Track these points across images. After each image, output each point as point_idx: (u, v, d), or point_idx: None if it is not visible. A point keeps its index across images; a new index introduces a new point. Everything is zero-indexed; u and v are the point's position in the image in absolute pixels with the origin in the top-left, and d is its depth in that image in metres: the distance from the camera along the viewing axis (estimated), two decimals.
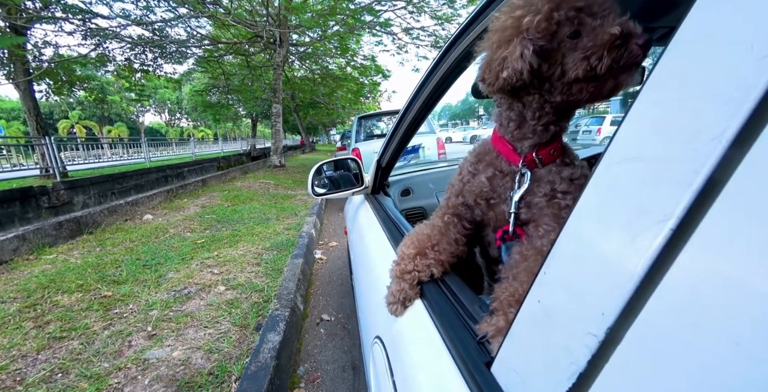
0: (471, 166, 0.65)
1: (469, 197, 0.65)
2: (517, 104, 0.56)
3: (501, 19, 0.50)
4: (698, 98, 0.20)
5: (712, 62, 0.20)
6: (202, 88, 14.62)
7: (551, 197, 0.55)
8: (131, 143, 10.56)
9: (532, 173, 0.57)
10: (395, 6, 9.38)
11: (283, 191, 6.46)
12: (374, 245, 1.00)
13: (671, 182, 0.20)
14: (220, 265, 2.79)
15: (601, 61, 0.44)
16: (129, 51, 8.12)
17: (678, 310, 0.19)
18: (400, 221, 1.01)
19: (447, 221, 0.67)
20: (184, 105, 35.58)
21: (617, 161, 0.25)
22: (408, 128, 1.10)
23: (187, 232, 3.75)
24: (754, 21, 0.18)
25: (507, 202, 0.59)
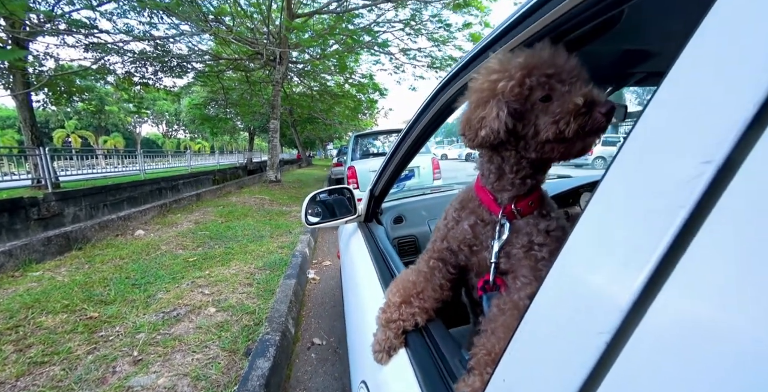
0: (455, 212, 0.68)
1: (453, 243, 0.67)
2: (497, 157, 0.59)
3: (479, 80, 0.54)
4: (676, 146, 0.23)
5: (690, 122, 0.23)
6: (201, 101, 14.76)
7: (528, 248, 0.58)
8: (127, 154, 10.57)
9: (511, 224, 0.60)
10: (393, 27, 9.73)
11: (278, 207, 6.44)
12: (364, 282, 1.02)
13: (655, 220, 0.23)
14: (211, 285, 2.75)
15: (569, 126, 0.48)
16: (130, 64, 8.24)
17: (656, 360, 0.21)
18: (390, 255, 1.03)
19: (432, 266, 0.69)
20: (182, 117, 35.78)
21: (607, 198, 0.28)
22: (401, 160, 1.14)
23: (179, 249, 3.70)
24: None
25: (489, 249, 0.62)
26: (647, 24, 0.67)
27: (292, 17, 8.39)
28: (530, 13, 0.52)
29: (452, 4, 8.22)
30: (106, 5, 6.92)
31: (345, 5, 8.99)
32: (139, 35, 7.54)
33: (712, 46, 0.23)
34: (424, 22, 9.36)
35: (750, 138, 0.19)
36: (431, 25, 9.41)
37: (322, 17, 9.94)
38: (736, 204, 0.19)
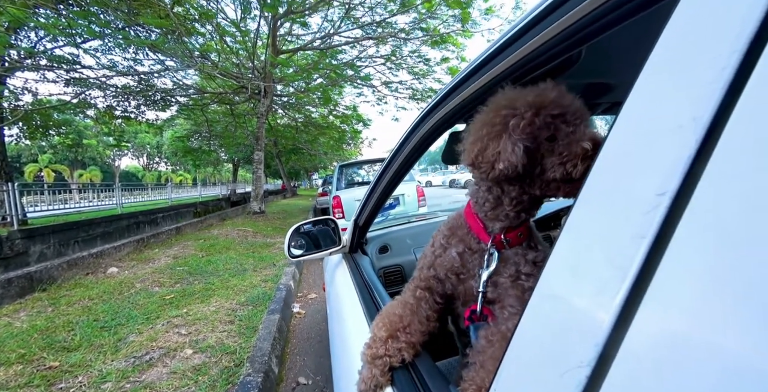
0: (444, 239, 0.68)
1: (440, 271, 0.67)
2: (497, 188, 0.60)
3: (489, 114, 0.56)
4: (636, 171, 0.25)
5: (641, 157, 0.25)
6: (185, 133, 14.73)
7: (516, 278, 0.58)
8: (104, 187, 10.21)
9: (499, 253, 0.60)
10: (375, 62, 10.26)
11: (262, 239, 6.27)
12: (350, 316, 0.99)
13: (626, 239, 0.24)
14: (188, 324, 2.58)
15: (576, 168, 0.50)
16: (112, 98, 8.24)
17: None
18: (375, 287, 1.01)
19: (419, 297, 0.68)
20: (164, 149, 35.42)
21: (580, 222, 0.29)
22: (384, 190, 1.15)
23: (156, 286, 3.49)
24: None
25: (476, 278, 0.62)
26: (604, 61, 0.73)
27: (276, 53, 8.75)
28: (499, 52, 0.56)
29: (430, 40, 8.81)
30: (90, 42, 7.04)
31: (328, 42, 9.49)
32: (123, 71, 7.63)
33: (655, 85, 0.26)
34: (405, 57, 9.95)
35: (696, 171, 0.21)
36: (411, 59, 10.00)
37: (307, 53, 10.42)
38: (694, 232, 0.21)
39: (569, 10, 0.41)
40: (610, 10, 0.37)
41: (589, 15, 0.40)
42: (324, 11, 8.71)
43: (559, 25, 0.44)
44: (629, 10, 0.36)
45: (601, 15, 0.39)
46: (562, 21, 0.43)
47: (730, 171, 0.20)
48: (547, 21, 0.45)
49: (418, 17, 8.53)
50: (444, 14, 8.44)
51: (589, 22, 0.41)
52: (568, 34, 0.44)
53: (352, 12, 8.59)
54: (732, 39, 0.21)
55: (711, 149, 0.21)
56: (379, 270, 1.41)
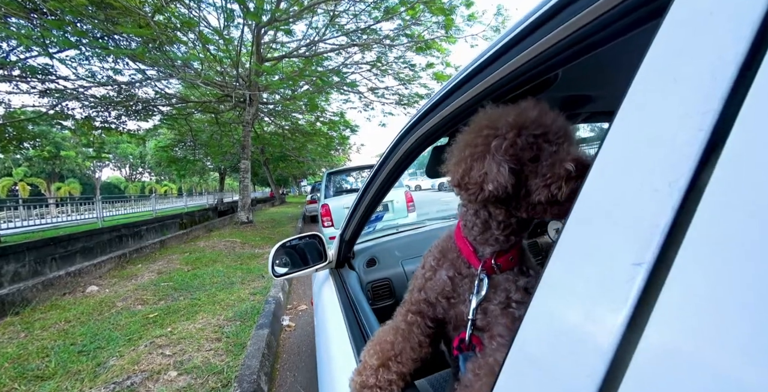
0: (434, 261, 0.66)
1: (430, 294, 0.65)
2: (484, 212, 0.58)
3: (470, 134, 0.54)
4: (637, 187, 0.25)
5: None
6: (168, 143, 14.44)
7: (506, 305, 0.56)
8: (83, 201, 9.87)
9: (489, 279, 0.58)
10: (361, 69, 10.29)
11: (250, 250, 6.14)
12: (335, 337, 0.96)
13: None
14: (173, 344, 2.47)
15: (561, 190, 0.47)
16: (91, 109, 8.01)
17: None
18: (360, 306, 0.99)
19: (410, 322, 0.66)
20: (147, 160, 34.58)
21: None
22: (371, 203, 1.12)
23: (138, 305, 3.35)
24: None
25: (466, 303, 0.60)
26: (580, 75, 0.73)
27: (261, 61, 8.68)
28: (480, 70, 0.54)
29: (415, 46, 8.90)
30: (67, 52, 6.84)
31: (313, 49, 9.48)
32: (102, 81, 7.44)
33: (648, 92, 0.26)
34: (390, 64, 10.00)
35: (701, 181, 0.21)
36: (397, 65, 10.06)
37: (292, 60, 10.39)
38: (694, 256, 0.21)
39: (553, 29, 0.40)
40: (595, 30, 0.36)
41: (572, 35, 0.39)
42: (308, 19, 8.71)
43: (543, 44, 0.43)
44: (616, 30, 0.35)
45: (585, 35, 0.38)
46: (546, 40, 0.42)
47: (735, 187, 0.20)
48: (531, 39, 0.44)
49: (403, 24, 8.62)
50: (428, 21, 8.55)
51: (573, 42, 0.40)
52: (551, 54, 0.43)
53: (337, 19, 8.62)
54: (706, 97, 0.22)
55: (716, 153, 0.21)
56: (367, 285, 1.38)
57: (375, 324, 0.94)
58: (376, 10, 8.40)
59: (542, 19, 0.40)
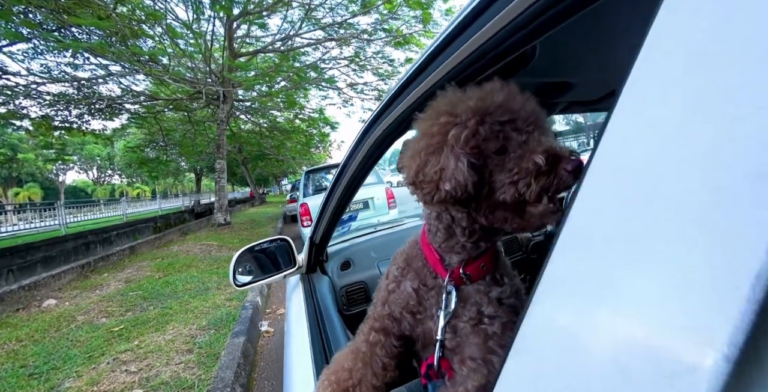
0: (398, 270, 0.57)
1: (394, 308, 0.56)
2: (446, 215, 0.50)
3: (426, 122, 0.45)
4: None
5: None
6: (138, 143, 13.76)
7: (477, 321, 0.48)
8: (45, 207, 9.26)
9: (458, 291, 0.50)
10: (339, 64, 10.10)
11: (227, 253, 5.90)
12: (297, 352, 0.86)
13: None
14: (139, 359, 2.30)
15: (530, 188, 0.40)
16: (48, 108, 7.45)
17: None
18: (328, 315, 0.90)
19: (373, 342, 0.57)
20: (116, 161, 32.88)
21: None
22: (340, 202, 1.03)
23: (102, 317, 3.12)
24: None
25: (435, 318, 0.51)
26: (560, 59, 0.67)
27: (234, 56, 8.35)
28: (446, 46, 0.46)
29: (393, 41, 8.80)
30: (17, 45, 6.32)
31: (290, 44, 9.21)
32: (58, 77, 6.93)
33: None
34: (369, 59, 9.87)
35: None
36: (375, 61, 9.94)
37: (268, 55, 10.06)
38: None
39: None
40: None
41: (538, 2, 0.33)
42: (283, 12, 8.43)
43: (508, 14, 0.36)
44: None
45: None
46: (511, 8, 0.35)
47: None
48: (495, 8, 0.38)
49: (380, 18, 8.50)
50: (406, 15, 8.47)
51: (541, 10, 0.34)
52: (520, 24, 0.37)
53: (313, 13, 8.39)
54: None
55: None
56: (341, 289, 1.29)
57: (342, 337, 0.85)
58: (353, 3, 8.23)
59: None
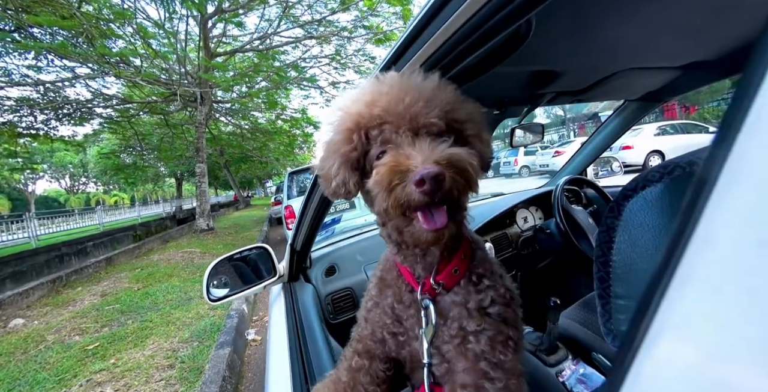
0: (375, 286, 0.51)
1: (375, 329, 0.50)
2: (378, 219, 0.45)
3: (328, 120, 0.44)
4: None
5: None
6: (113, 149, 13.22)
7: (461, 339, 0.42)
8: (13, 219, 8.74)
9: (435, 304, 0.44)
10: (320, 62, 9.94)
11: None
12: (273, 373, 0.79)
13: None
14: (116, 378, 2.16)
15: (386, 202, 0.36)
16: (9, 113, 7.03)
17: None
18: (311, 331, 0.83)
19: (356, 368, 0.50)
20: (90, 168, 31.51)
21: None
22: (320, 205, 0.96)
23: (75, 335, 2.93)
24: None
25: (420, 339, 0.45)
26: (551, 45, 0.66)
27: (211, 56, 8.09)
28: (426, 24, 0.40)
29: (374, 38, 8.70)
30: None
31: (268, 43, 8.99)
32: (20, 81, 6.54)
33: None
34: (350, 57, 9.74)
35: None
36: (357, 58, 9.82)
37: (247, 55, 9.80)
38: None
39: None
40: None
41: None
42: (260, 10, 8.21)
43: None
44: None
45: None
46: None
47: None
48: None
49: (360, 15, 8.38)
50: (386, 12, 8.38)
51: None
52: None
53: (291, 10, 8.20)
54: None
55: None
56: (327, 297, 1.21)
57: (325, 353, 0.78)
58: (331, 0, 8.09)
59: None
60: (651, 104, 1.37)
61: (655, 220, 0.33)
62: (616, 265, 0.36)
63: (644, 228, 0.33)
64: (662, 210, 0.32)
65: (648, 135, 8.98)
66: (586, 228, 1.47)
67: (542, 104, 1.20)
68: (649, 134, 8.99)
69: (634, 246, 0.34)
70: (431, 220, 0.36)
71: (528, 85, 0.98)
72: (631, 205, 0.35)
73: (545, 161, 11.93)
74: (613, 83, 0.98)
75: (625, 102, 1.43)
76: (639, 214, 0.34)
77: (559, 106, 28.47)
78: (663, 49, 0.78)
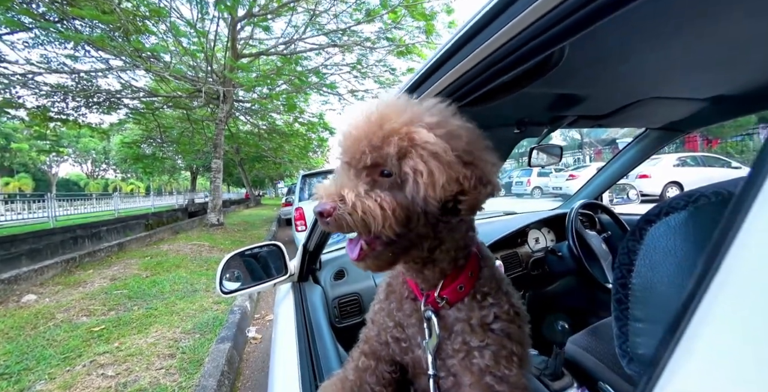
0: (383, 291, 0.52)
1: (381, 332, 0.51)
2: None
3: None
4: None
5: None
6: (135, 139, 13.63)
7: (466, 353, 0.42)
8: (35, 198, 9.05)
9: (438, 317, 0.44)
10: (341, 70, 10.14)
11: (218, 255, 5.79)
12: (280, 370, 0.81)
13: None
14: (118, 362, 2.21)
15: None
16: (44, 98, 7.36)
17: None
18: (319, 331, 0.84)
19: (362, 368, 0.51)
20: (112, 156, 32.49)
21: None
22: None
23: (83, 316, 3.01)
24: None
25: (423, 348, 0.46)
26: (577, 71, 0.67)
27: (237, 57, 8.35)
28: (465, 43, 0.43)
29: (396, 50, 8.86)
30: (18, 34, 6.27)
31: (292, 48, 9.24)
32: (58, 68, 6.87)
33: None
34: (371, 66, 9.92)
35: None
36: (377, 68, 10.00)
37: (270, 58, 10.07)
38: None
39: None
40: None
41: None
42: (288, 16, 8.48)
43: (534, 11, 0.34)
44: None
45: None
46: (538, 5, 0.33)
47: None
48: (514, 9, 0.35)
49: (384, 27, 8.57)
50: (409, 25, 8.55)
51: (569, 11, 0.32)
52: (545, 26, 0.35)
53: (317, 19, 8.45)
54: None
55: None
56: (334, 300, 1.23)
57: (332, 352, 0.80)
58: (357, 11, 8.30)
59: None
60: (673, 134, 1.37)
61: (678, 246, 0.34)
62: (636, 288, 0.37)
63: (666, 253, 0.34)
64: (685, 237, 0.33)
65: (667, 165, 8.82)
66: (599, 254, 1.46)
67: (562, 126, 1.22)
68: (669, 165, 8.84)
69: (655, 270, 0.35)
70: (351, 250, 0.39)
71: (550, 107, 0.99)
72: (653, 230, 0.36)
73: (558, 183, 11.76)
74: (635, 111, 0.99)
75: (646, 130, 1.43)
76: (661, 239, 0.35)
77: (577, 130, 28.12)
78: (689, 80, 0.78)
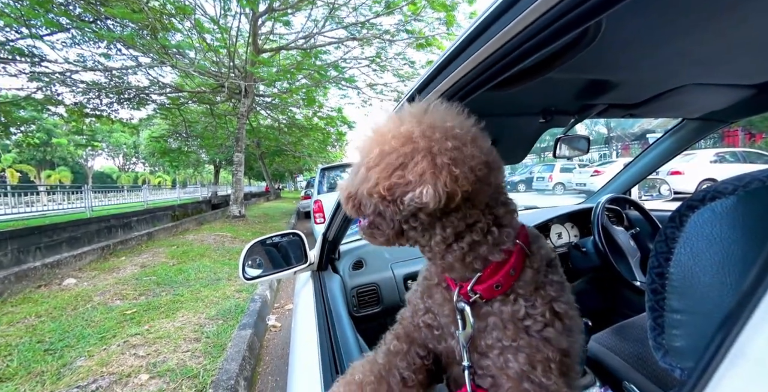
0: (424, 272, 0.52)
1: (416, 319, 0.51)
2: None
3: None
4: None
5: None
6: (162, 133, 14.20)
7: (500, 352, 0.41)
8: (74, 190, 9.64)
9: (473, 309, 0.43)
10: (360, 64, 10.12)
11: (240, 245, 5.99)
12: (302, 353, 0.82)
13: None
14: (148, 344, 2.33)
15: None
16: (81, 95, 7.78)
17: None
18: (338, 316, 0.86)
19: (394, 351, 0.50)
20: (141, 150, 34.10)
21: None
22: None
23: (117, 300, 3.20)
24: None
25: (456, 336, 0.45)
26: (610, 53, 0.62)
27: (258, 52, 8.49)
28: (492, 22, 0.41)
29: (415, 43, 8.74)
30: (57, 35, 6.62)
31: (312, 42, 9.29)
32: (93, 66, 7.22)
33: None
34: (390, 60, 9.84)
35: None
36: (396, 62, 9.90)
37: (290, 52, 10.18)
38: None
39: None
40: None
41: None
42: (308, 10, 8.51)
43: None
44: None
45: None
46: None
47: None
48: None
49: (403, 19, 8.45)
50: (429, 17, 8.39)
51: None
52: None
53: (337, 12, 8.43)
54: None
55: None
56: (352, 290, 1.25)
57: (352, 339, 0.81)
58: (376, 4, 8.22)
59: None
60: (712, 125, 1.28)
61: (724, 233, 0.31)
62: (674, 277, 0.35)
63: (710, 241, 0.32)
64: (733, 224, 0.31)
65: (703, 161, 8.19)
66: (627, 251, 1.40)
67: (591, 116, 1.16)
68: (705, 161, 8.20)
69: (697, 259, 0.33)
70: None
71: (578, 95, 0.94)
72: (696, 216, 0.33)
73: (582, 179, 11.23)
74: (672, 99, 0.93)
75: (682, 120, 1.34)
76: (705, 226, 0.33)
77: (603, 123, 26.11)
78: (736, 65, 0.71)
